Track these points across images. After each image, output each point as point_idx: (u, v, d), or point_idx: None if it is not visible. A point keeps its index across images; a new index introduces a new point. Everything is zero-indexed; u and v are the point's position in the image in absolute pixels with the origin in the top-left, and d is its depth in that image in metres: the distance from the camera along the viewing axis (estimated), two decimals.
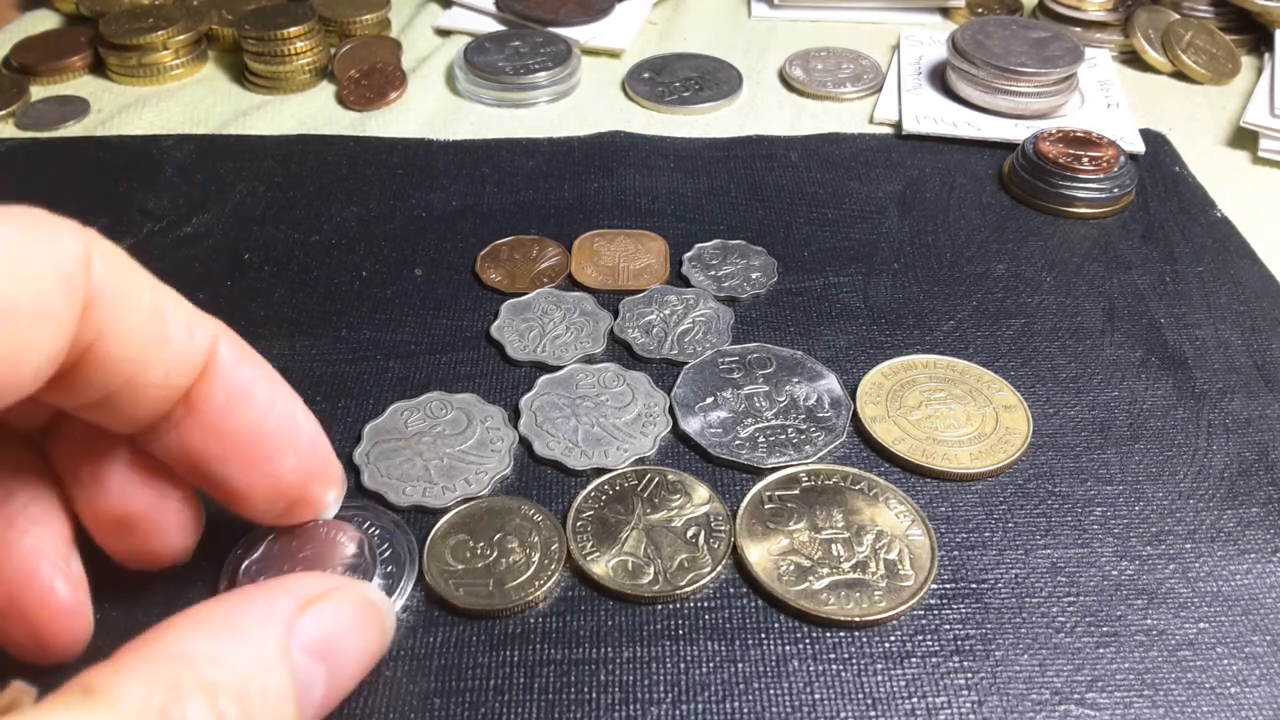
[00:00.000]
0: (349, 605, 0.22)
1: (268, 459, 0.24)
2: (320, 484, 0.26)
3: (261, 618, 0.20)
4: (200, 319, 0.23)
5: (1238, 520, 0.30)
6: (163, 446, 0.23)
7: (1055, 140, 0.45)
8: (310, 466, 0.25)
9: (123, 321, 0.20)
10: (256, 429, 0.24)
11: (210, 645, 0.19)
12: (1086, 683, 0.26)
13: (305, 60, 0.53)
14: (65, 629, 0.24)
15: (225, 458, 0.23)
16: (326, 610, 0.21)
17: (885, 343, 0.37)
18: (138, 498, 0.25)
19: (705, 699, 0.25)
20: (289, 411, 0.24)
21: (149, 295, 0.21)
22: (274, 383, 0.24)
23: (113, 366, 0.20)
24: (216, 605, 0.20)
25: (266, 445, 0.24)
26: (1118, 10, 0.58)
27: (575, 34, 0.58)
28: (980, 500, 0.31)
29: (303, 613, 0.21)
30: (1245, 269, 0.41)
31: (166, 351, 0.21)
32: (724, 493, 0.31)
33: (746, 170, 0.47)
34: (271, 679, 0.19)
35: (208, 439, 0.23)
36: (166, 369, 0.21)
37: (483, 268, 0.40)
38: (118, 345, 0.20)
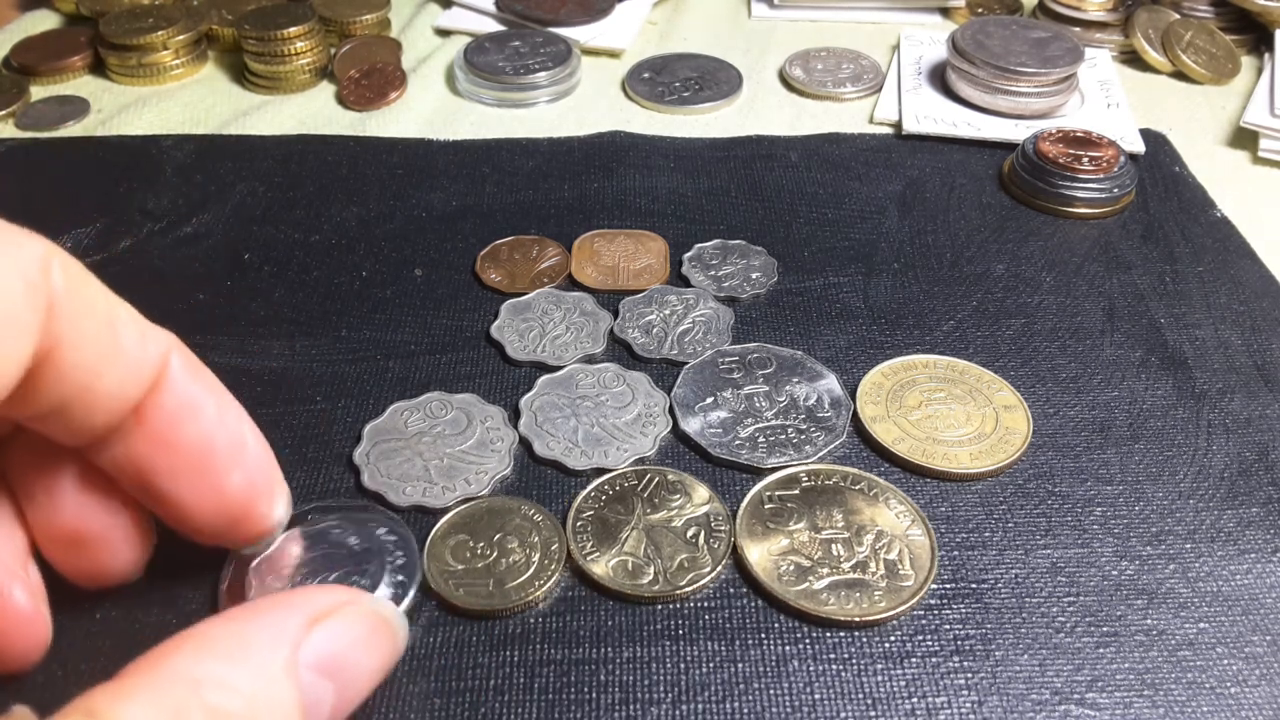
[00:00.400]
0: (358, 620, 0.22)
1: (215, 473, 0.24)
2: (266, 501, 0.25)
3: (270, 636, 0.20)
4: (153, 330, 0.22)
5: (1238, 520, 0.30)
6: (110, 459, 0.23)
7: (1055, 140, 0.45)
8: (256, 482, 0.25)
9: (79, 329, 0.20)
10: (205, 443, 0.23)
11: (217, 667, 0.18)
12: (1086, 683, 0.26)
13: (305, 60, 0.53)
14: (23, 637, 0.24)
15: (172, 471, 0.23)
16: (334, 627, 0.21)
17: (885, 343, 0.37)
18: (90, 515, 0.24)
19: (705, 699, 0.25)
20: (237, 427, 0.24)
21: (104, 304, 0.21)
22: (223, 398, 0.24)
23: (68, 375, 0.20)
24: (225, 623, 0.20)
25: (214, 459, 0.24)
26: (1118, 10, 0.58)
27: (575, 34, 0.58)
28: (980, 500, 0.31)
29: (310, 630, 0.20)
30: (1245, 269, 0.41)
31: (120, 361, 0.21)
32: (724, 493, 0.31)
33: (746, 170, 0.47)
34: (277, 698, 0.19)
35: (155, 451, 0.23)
36: (120, 379, 0.21)
37: (483, 268, 0.40)
38: (74, 353, 0.20)
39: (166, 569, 0.28)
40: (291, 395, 0.34)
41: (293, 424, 0.33)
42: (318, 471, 0.31)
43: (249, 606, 0.21)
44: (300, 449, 0.32)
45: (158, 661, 0.18)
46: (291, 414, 0.33)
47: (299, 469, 0.31)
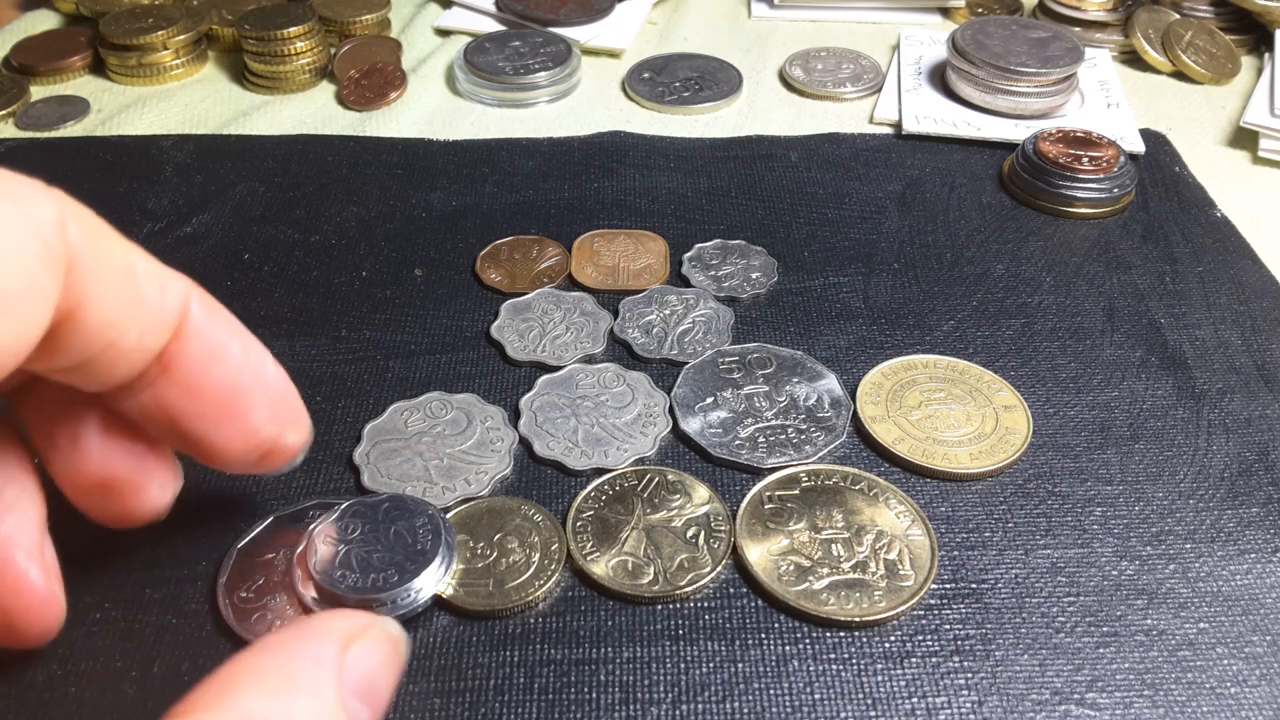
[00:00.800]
0: (381, 642, 0.22)
1: (243, 413, 0.24)
2: (292, 432, 0.26)
3: (313, 665, 0.20)
4: (171, 277, 0.22)
5: (1238, 520, 0.30)
6: (136, 405, 0.23)
7: (1055, 140, 0.45)
8: (282, 416, 0.25)
9: (100, 284, 0.20)
10: (231, 384, 0.23)
11: (274, 702, 0.18)
12: (1086, 683, 0.26)
13: (305, 60, 0.53)
14: (38, 617, 0.24)
15: (201, 414, 0.23)
16: (364, 651, 0.21)
17: (885, 343, 0.37)
18: (116, 460, 0.24)
19: (705, 699, 0.25)
20: (260, 364, 0.24)
21: (122, 256, 0.21)
22: (244, 337, 0.24)
23: (91, 330, 0.20)
24: (269, 656, 0.20)
25: (241, 400, 0.24)
26: (1118, 10, 0.58)
27: (575, 34, 0.58)
28: (980, 500, 0.31)
29: (344, 655, 0.20)
30: (1245, 269, 0.41)
31: (141, 312, 0.21)
32: (724, 493, 0.31)
33: (746, 170, 0.47)
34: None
35: (183, 397, 0.23)
36: (142, 329, 0.21)
37: (483, 268, 0.40)
38: (96, 308, 0.20)
39: (166, 569, 0.28)
40: None
41: None
42: (318, 471, 0.31)
43: (285, 636, 0.21)
44: None
45: (218, 700, 0.18)
46: None
47: (299, 469, 0.31)
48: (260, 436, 0.25)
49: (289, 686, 0.19)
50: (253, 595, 0.27)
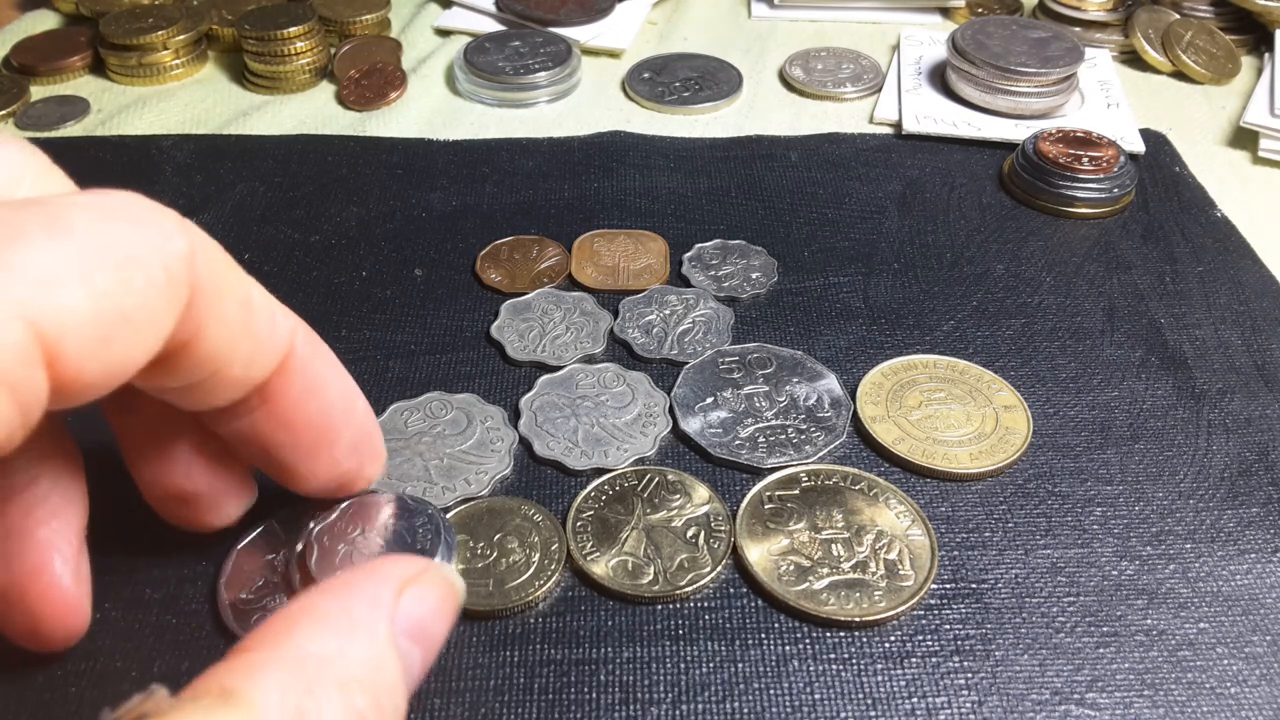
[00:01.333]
0: (436, 587, 0.22)
1: (330, 447, 0.25)
2: (371, 466, 0.27)
3: (370, 607, 0.20)
4: (281, 311, 0.23)
5: (1238, 520, 0.30)
6: (231, 429, 0.24)
7: (1055, 140, 0.45)
8: (364, 451, 0.26)
9: (217, 316, 0.20)
10: (325, 420, 0.24)
11: (333, 642, 0.19)
12: (1086, 683, 0.26)
13: (305, 60, 0.54)
14: (65, 623, 0.24)
15: (293, 445, 0.24)
16: (419, 594, 0.22)
17: (885, 343, 0.37)
18: (199, 477, 0.25)
19: (705, 699, 0.25)
20: (352, 401, 0.25)
21: (241, 290, 0.21)
22: (341, 375, 0.25)
23: (201, 358, 0.21)
24: (328, 598, 0.20)
25: (331, 435, 0.25)
26: (1118, 10, 0.58)
27: (575, 34, 0.58)
28: (980, 500, 0.31)
29: (399, 598, 0.21)
30: (1245, 269, 0.41)
31: (252, 344, 0.22)
32: (724, 493, 0.31)
33: (746, 170, 0.47)
34: (387, 667, 0.20)
35: (278, 428, 0.24)
36: (249, 361, 0.22)
37: (483, 268, 0.40)
38: (209, 339, 0.20)
39: (167, 569, 0.28)
40: None
41: None
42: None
43: (344, 579, 0.21)
44: None
45: (279, 639, 0.19)
46: None
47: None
48: (342, 469, 0.26)
49: (348, 627, 0.19)
50: (253, 596, 0.27)
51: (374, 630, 0.20)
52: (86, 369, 0.17)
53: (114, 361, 0.18)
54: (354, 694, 0.18)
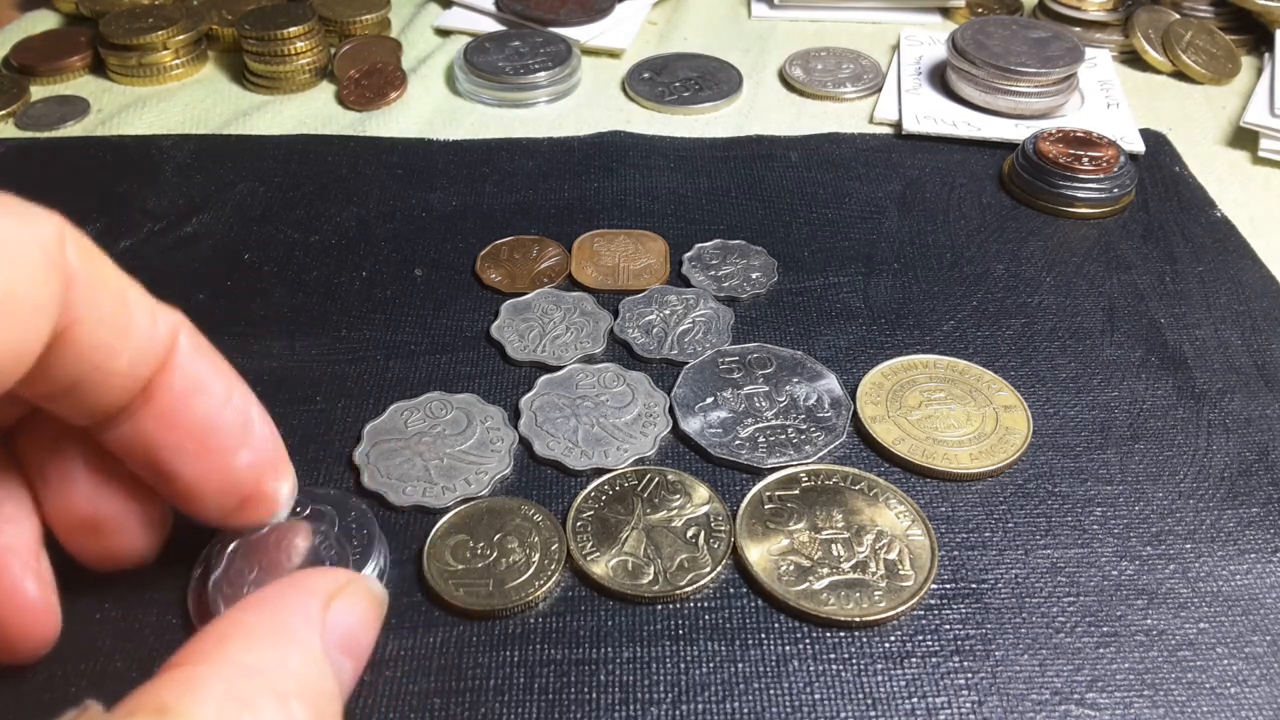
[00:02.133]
0: (361, 599, 0.22)
1: (221, 452, 0.24)
2: (272, 480, 0.25)
3: (303, 619, 0.20)
4: (162, 309, 0.23)
5: (1238, 520, 0.30)
6: (118, 437, 0.23)
7: (1055, 140, 0.45)
8: (263, 461, 0.25)
9: (95, 306, 0.20)
10: (212, 420, 0.24)
11: (268, 654, 0.19)
12: (1086, 683, 0.26)
13: (305, 60, 0.53)
14: (33, 628, 0.24)
15: (180, 448, 0.23)
16: (346, 606, 0.22)
17: (885, 343, 0.37)
18: (104, 500, 0.25)
19: (705, 699, 0.25)
20: (244, 406, 0.24)
21: (116, 281, 0.21)
22: (230, 377, 0.24)
23: (83, 352, 0.20)
24: (257, 611, 0.20)
25: (221, 437, 0.24)
26: (1118, 10, 0.58)
27: (575, 34, 0.58)
28: (980, 500, 0.31)
29: (327, 611, 0.21)
30: (1245, 269, 0.41)
31: (133, 338, 0.21)
32: (724, 493, 0.31)
33: (746, 170, 0.47)
34: (324, 679, 0.20)
35: (163, 429, 0.23)
36: (132, 356, 0.21)
37: (483, 268, 0.40)
38: (90, 331, 0.20)
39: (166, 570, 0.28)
40: (291, 395, 0.34)
41: (293, 424, 0.33)
42: (318, 471, 0.31)
43: (271, 592, 0.21)
44: (300, 449, 0.32)
45: (214, 651, 0.19)
46: (291, 414, 0.33)
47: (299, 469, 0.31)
48: (238, 478, 0.24)
49: (281, 640, 0.20)
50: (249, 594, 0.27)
51: (307, 642, 0.20)
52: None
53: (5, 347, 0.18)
54: (292, 704, 0.18)
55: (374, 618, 0.23)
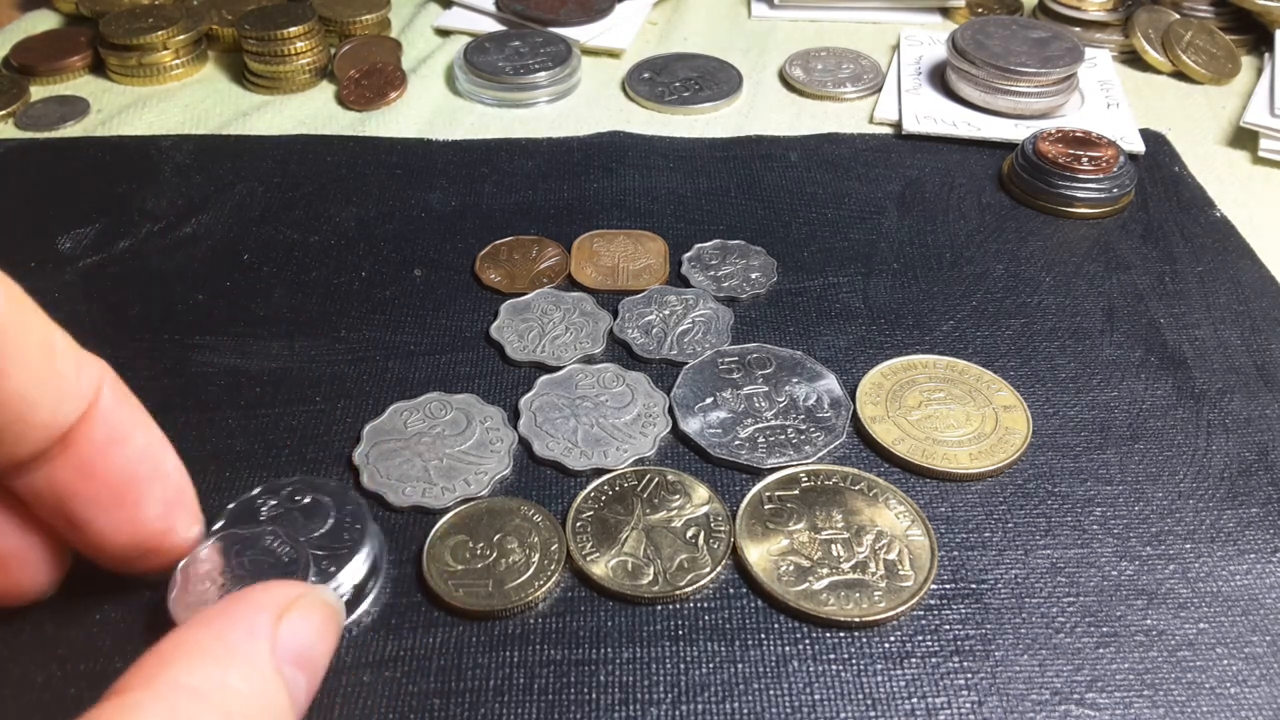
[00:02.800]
0: (315, 611, 0.22)
1: (135, 503, 0.24)
2: (180, 531, 0.26)
3: (248, 635, 0.20)
4: (88, 359, 0.22)
5: (1237, 520, 0.30)
6: (28, 484, 0.23)
7: (1055, 140, 0.45)
8: (172, 514, 0.25)
9: (18, 357, 0.20)
10: (128, 472, 0.23)
11: (212, 673, 0.18)
12: (1086, 683, 0.26)
13: (305, 60, 0.53)
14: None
15: (93, 499, 0.23)
16: (298, 620, 0.21)
17: (885, 343, 0.37)
18: (3, 538, 0.24)
19: (705, 699, 0.25)
20: (160, 457, 0.24)
21: (42, 330, 0.21)
22: (149, 428, 0.24)
23: (5, 402, 0.20)
24: (203, 629, 0.20)
25: (135, 490, 0.24)
26: (1118, 10, 0.58)
27: (575, 34, 0.58)
28: (980, 500, 0.31)
29: (279, 625, 0.21)
30: (1245, 269, 0.41)
31: (56, 389, 0.21)
32: (724, 493, 0.31)
33: (746, 170, 0.47)
34: (273, 695, 0.19)
35: (78, 479, 0.23)
36: (53, 407, 0.21)
37: (482, 268, 0.40)
38: (10, 381, 0.20)
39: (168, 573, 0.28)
40: (291, 395, 0.34)
41: (293, 424, 0.33)
42: (317, 472, 0.31)
43: (219, 609, 0.21)
44: (300, 449, 0.32)
45: (156, 674, 0.18)
46: (291, 414, 0.33)
47: (299, 469, 0.31)
48: (145, 530, 0.24)
49: (224, 658, 0.19)
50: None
51: (254, 659, 0.19)
52: None
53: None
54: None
55: (329, 630, 0.22)
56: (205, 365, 0.36)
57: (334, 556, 0.27)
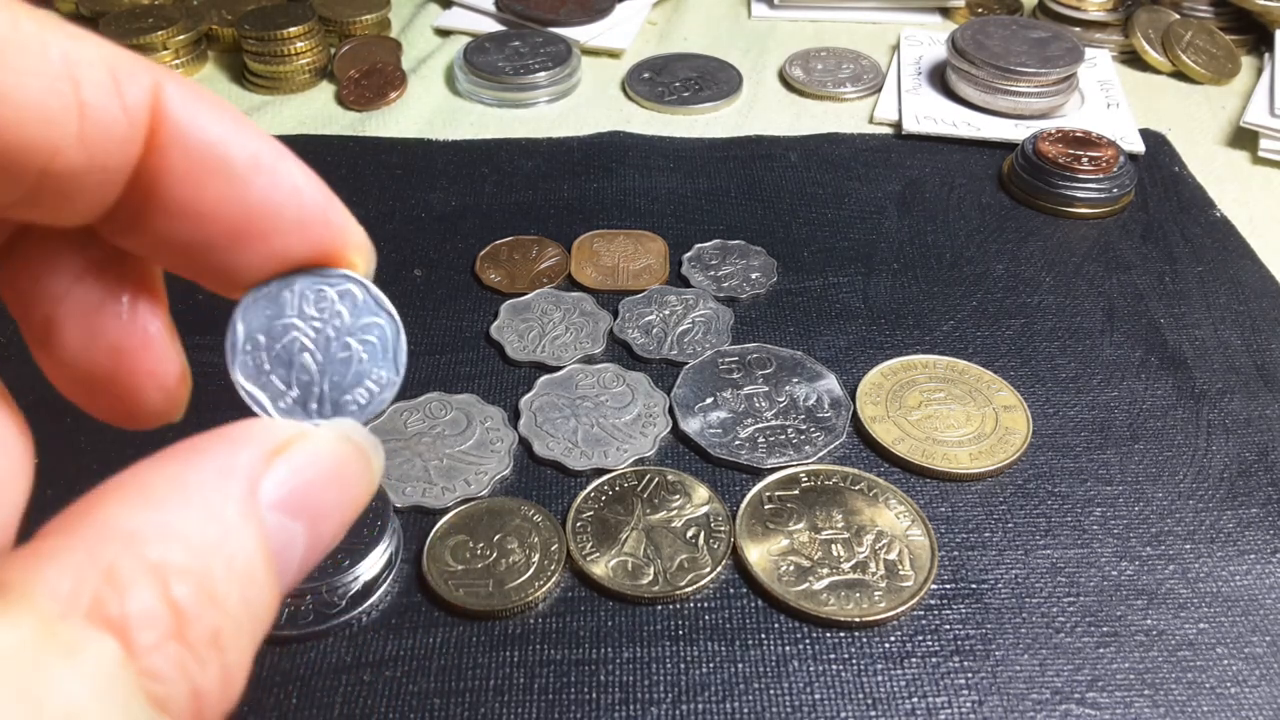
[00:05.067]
0: (327, 447, 0.17)
1: (264, 236, 0.18)
2: (342, 252, 0.20)
3: (217, 474, 0.15)
4: (131, 67, 0.16)
5: (1237, 521, 0.30)
6: (133, 241, 0.18)
7: (1055, 140, 0.45)
8: (321, 235, 0.19)
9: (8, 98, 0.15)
10: (240, 200, 0.18)
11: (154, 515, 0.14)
12: (1087, 682, 0.26)
13: (305, 60, 0.53)
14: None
15: (211, 243, 0.18)
16: (300, 456, 0.17)
17: (885, 343, 0.37)
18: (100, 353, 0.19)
19: (705, 699, 0.25)
20: (278, 167, 0.18)
21: (43, 50, 0.15)
22: (250, 134, 0.18)
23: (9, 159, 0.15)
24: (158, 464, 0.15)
25: (260, 219, 0.18)
26: (1118, 10, 0.58)
27: (575, 34, 0.58)
28: (980, 500, 0.31)
29: (271, 463, 0.16)
30: (1245, 269, 0.41)
31: (86, 122, 0.15)
32: (724, 493, 0.31)
33: (746, 170, 0.47)
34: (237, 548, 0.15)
35: (179, 224, 0.17)
36: (90, 149, 0.16)
37: (482, 268, 0.40)
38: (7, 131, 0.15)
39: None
40: None
41: None
42: None
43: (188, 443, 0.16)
44: None
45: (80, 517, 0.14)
46: None
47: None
48: (294, 260, 0.19)
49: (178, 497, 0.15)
50: None
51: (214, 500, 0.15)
52: None
53: None
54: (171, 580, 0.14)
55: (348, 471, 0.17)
56: (205, 365, 0.36)
57: (350, 550, 0.27)
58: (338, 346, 0.20)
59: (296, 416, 0.19)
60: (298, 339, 0.20)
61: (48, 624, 0.13)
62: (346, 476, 0.17)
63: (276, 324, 0.20)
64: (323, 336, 0.20)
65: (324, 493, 0.17)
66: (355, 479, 0.18)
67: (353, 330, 0.20)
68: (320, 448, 0.17)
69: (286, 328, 0.20)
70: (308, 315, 0.20)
